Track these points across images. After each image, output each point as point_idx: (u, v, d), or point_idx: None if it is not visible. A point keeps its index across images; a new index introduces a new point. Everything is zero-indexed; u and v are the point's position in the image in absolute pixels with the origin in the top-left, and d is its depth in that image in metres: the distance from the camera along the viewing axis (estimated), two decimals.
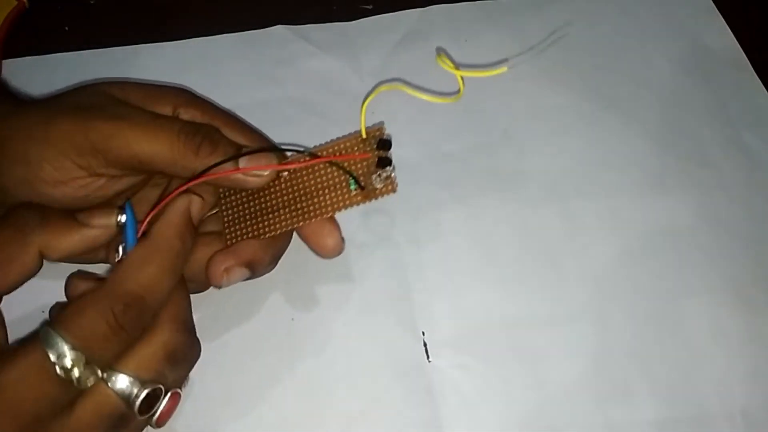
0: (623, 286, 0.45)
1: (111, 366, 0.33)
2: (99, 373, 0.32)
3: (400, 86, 0.40)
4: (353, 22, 0.55)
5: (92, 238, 0.36)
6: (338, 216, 0.40)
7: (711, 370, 0.42)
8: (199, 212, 0.38)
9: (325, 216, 0.38)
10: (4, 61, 0.51)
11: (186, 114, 0.40)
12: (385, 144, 0.38)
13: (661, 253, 0.46)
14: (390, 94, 0.51)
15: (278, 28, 0.54)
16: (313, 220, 0.38)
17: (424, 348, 0.42)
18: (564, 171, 0.49)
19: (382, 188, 0.38)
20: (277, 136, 0.49)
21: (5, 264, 0.34)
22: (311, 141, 0.49)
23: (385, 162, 0.37)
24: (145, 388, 0.33)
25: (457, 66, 0.41)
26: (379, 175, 0.37)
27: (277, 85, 0.52)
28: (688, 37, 0.55)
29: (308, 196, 0.39)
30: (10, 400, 0.31)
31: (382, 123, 0.40)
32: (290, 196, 0.39)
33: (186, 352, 0.36)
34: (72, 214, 0.36)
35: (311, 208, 0.38)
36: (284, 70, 0.52)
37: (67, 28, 0.54)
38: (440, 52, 0.47)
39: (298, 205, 0.39)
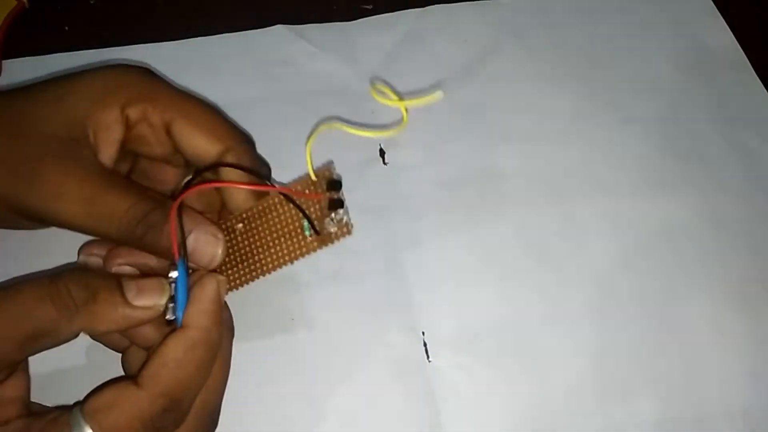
0: (623, 286, 0.45)
1: None
2: None
3: (339, 125, 0.37)
4: (353, 22, 0.55)
5: (137, 320, 0.33)
6: None
7: (711, 370, 0.42)
8: (225, 292, 0.36)
9: (283, 266, 0.37)
10: (4, 61, 0.51)
11: (135, 111, 0.37)
12: (334, 185, 0.36)
13: (661, 253, 0.46)
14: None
15: (278, 28, 0.54)
16: (271, 272, 0.37)
17: (424, 348, 0.42)
18: (563, 171, 0.49)
19: (336, 232, 0.36)
20: (275, 137, 0.48)
21: (41, 337, 0.31)
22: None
23: (336, 204, 0.35)
24: None
25: (397, 94, 0.43)
26: (332, 219, 0.36)
27: (277, 84, 0.52)
28: (687, 37, 0.55)
29: (264, 246, 0.37)
30: None
31: (331, 162, 0.39)
32: (248, 248, 0.38)
33: None
34: (120, 287, 0.33)
35: (269, 259, 0.37)
36: (284, 69, 0.52)
37: (67, 28, 0.54)
38: (374, 81, 0.46)
39: (257, 257, 0.37)
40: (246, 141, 0.39)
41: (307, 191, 0.36)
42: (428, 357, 0.42)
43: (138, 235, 0.35)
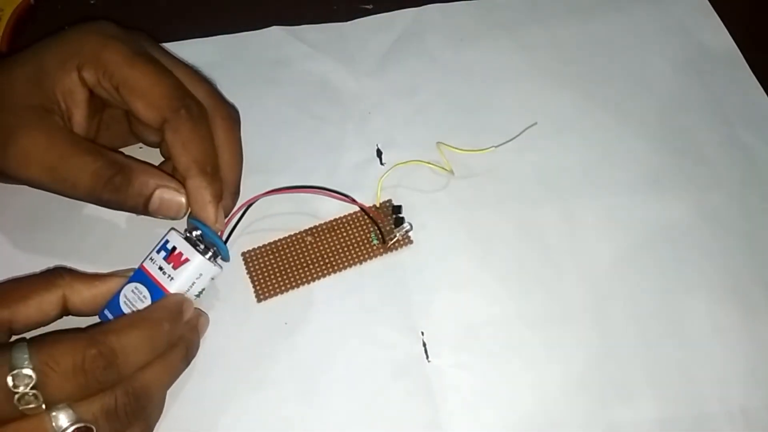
0: (622, 285, 0.45)
1: (56, 404, 0.32)
2: (42, 405, 0.32)
3: (415, 161, 0.48)
4: (348, 22, 0.55)
5: (114, 285, 0.38)
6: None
7: (710, 368, 0.43)
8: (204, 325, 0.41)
9: (352, 266, 0.44)
10: None
11: (89, 74, 0.40)
12: (398, 209, 0.46)
13: (659, 251, 0.46)
14: (386, 93, 0.52)
15: (274, 29, 0.54)
16: (343, 271, 0.44)
17: (423, 348, 0.42)
18: (561, 170, 0.49)
19: (400, 240, 0.45)
20: (274, 138, 0.49)
21: (24, 297, 0.36)
22: (307, 142, 0.49)
23: (400, 221, 0.46)
24: (75, 424, 0.32)
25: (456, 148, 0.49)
26: (399, 231, 0.45)
27: (273, 86, 0.51)
28: (683, 36, 0.55)
29: (335, 252, 0.45)
30: None
31: (390, 199, 0.47)
32: (317, 254, 0.45)
33: (130, 415, 0.35)
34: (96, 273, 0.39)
35: (341, 260, 0.45)
36: (279, 70, 0.52)
37: (67, 28, 0.54)
38: (439, 144, 0.49)
39: (328, 260, 0.45)
40: (187, 112, 0.40)
41: (375, 211, 0.46)
42: (428, 357, 0.42)
43: (104, 198, 0.39)
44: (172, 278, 0.38)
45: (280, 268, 0.44)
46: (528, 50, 0.54)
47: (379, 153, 0.49)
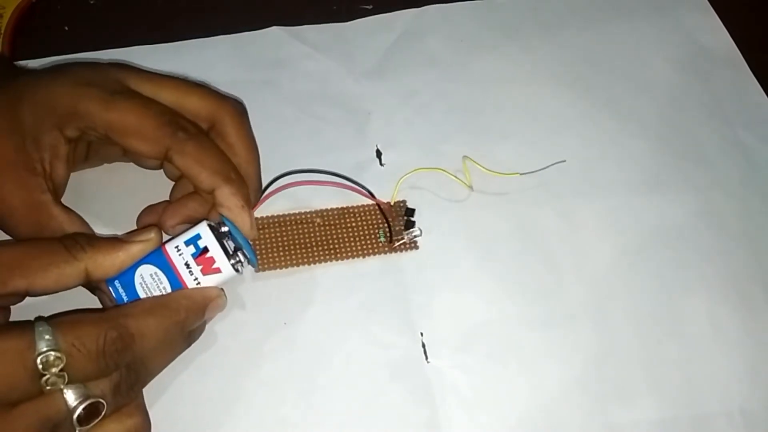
0: (621, 285, 0.45)
1: (75, 383, 0.33)
2: (62, 386, 0.32)
3: (438, 169, 0.48)
4: (348, 22, 0.55)
5: (137, 252, 0.37)
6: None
7: (709, 369, 0.43)
8: (216, 314, 0.39)
9: (354, 258, 0.45)
10: None
11: (71, 130, 0.39)
12: (411, 212, 0.47)
13: (659, 252, 0.46)
14: (386, 93, 0.52)
15: (273, 29, 0.54)
16: (345, 260, 0.45)
17: (422, 349, 0.42)
18: (561, 170, 0.49)
19: (407, 243, 0.45)
20: (273, 138, 0.49)
21: (44, 268, 0.35)
22: (307, 142, 0.49)
23: (411, 224, 0.46)
24: (87, 400, 0.32)
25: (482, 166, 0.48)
26: (408, 234, 0.45)
27: (273, 86, 0.52)
28: (683, 36, 0.56)
29: (340, 238, 0.45)
30: None
31: (405, 200, 0.47)
32: (321, 238, 0.45)
33: (129, 389, 0.35)
34: (116, 237, 0.38)
35: (344, 248, 0.45)
36: (280, 71, 0.52)
37: (66, 28, 0.54)
38: (465, 158, 0.48)
39: (331, 247, 0.45)
40: (185, 132, 0.39)
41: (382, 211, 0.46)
42: (427, 357, 0.42)
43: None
44: (198, 282, 0.37)
45: (284, 242, 0.45)
46: (528, 51, 0.54)
47: (378, 153, 0.49)
